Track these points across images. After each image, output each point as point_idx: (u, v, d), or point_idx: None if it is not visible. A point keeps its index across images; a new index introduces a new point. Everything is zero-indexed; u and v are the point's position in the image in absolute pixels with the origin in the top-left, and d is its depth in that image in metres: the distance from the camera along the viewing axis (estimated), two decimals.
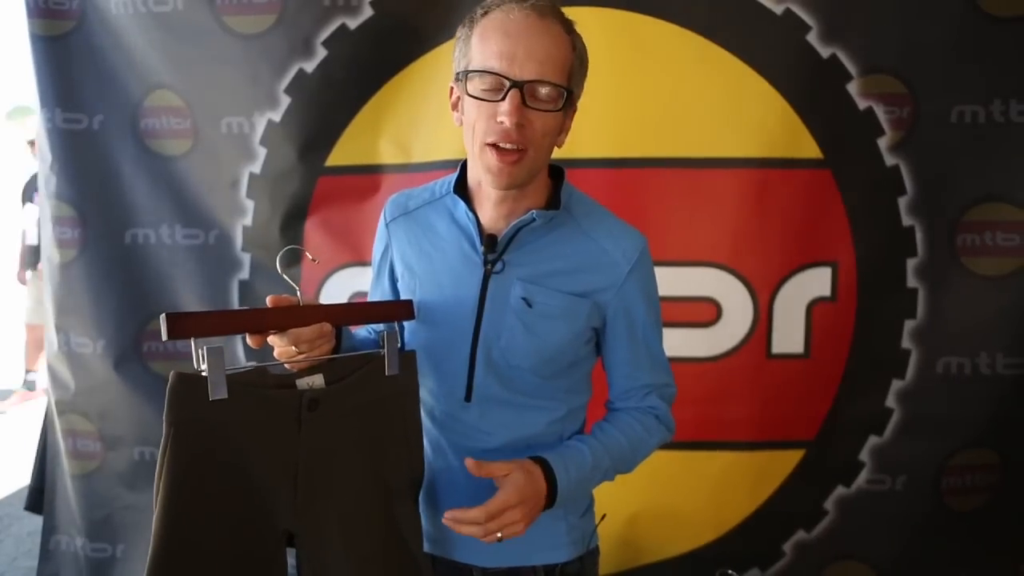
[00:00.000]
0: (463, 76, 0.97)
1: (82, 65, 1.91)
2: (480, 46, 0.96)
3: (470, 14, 0.99)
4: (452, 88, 1.03)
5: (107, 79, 1.92)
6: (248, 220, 1.94)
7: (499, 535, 0.96)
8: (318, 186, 1.91)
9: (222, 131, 1.89)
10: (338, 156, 1.89)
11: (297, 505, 0.93)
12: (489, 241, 1.04)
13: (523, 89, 0.93)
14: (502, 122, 0.93)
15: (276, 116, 1.86)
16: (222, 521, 0.89)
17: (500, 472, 0.98)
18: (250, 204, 1.93)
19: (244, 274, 1.97)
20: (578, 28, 1.00)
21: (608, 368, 1.13)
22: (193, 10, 1.83)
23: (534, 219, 1.02)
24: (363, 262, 1.91)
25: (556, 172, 1.09)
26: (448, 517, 0.95)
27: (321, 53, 1.83)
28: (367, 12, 1.81)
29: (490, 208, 1.04)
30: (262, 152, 1.89)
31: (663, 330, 1.13)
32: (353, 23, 1.81)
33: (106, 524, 2.01)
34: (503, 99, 0.93)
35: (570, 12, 0.98)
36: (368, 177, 1.90)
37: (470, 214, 1.05)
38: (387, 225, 1.15)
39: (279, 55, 1.83)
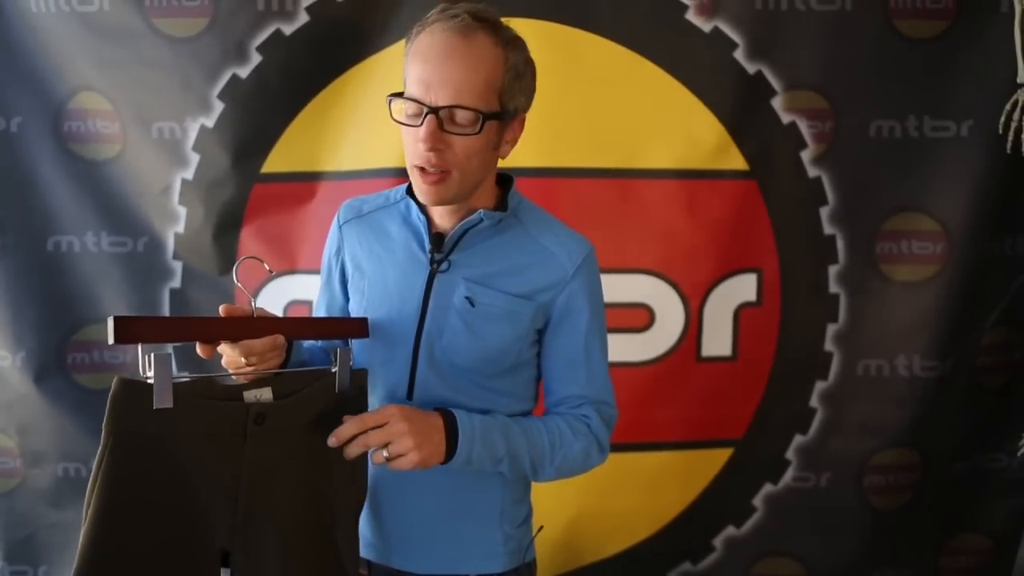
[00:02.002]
0: (390, 100, 0.99)
1: None
2: (408, 69, 0.98)
3: (411, 31, 1.00)
4: None
5: (26, 79, 1.83)
6: (180, 227, 1.89)
7: (386, 453, 0.94)
8: (253, 193, 1.87)
9: (153, 136, 1.83)
10: (274, 163, 1.86)
11: (235, 522, 0.91)
12: (437, 240, 1.06)
13: (439, 114, 0.94)
14: (420, 147, 0.95)
15: (209, 122, 1.82)
16: (157, 535, 0.86)
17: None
18: (182, 211, 1.88)
19: (176, 282, 1.92)
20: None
21: (544, 374, 1.14)
22: (120, 11, 1.76)
23: (482, 219, 1.04)
24: (299, 270, 1.89)
25: (505, 179, 1.11)
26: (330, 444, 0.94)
27: (255, 59, 1.79)
28: (303, 18, 1.78)
29: (440, 212, 1.06)
30: (195, 158, 1.84)
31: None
32: (288, 29, 1.78)
33: (27, 545, 1.92)
34: (421, 124, 0.95)
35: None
36: (304, 184, 1.88)
37: (421, 216, 1.07)
38: (340, 227, 1.16)
39: (212, 60, 1.78)
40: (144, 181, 1.88)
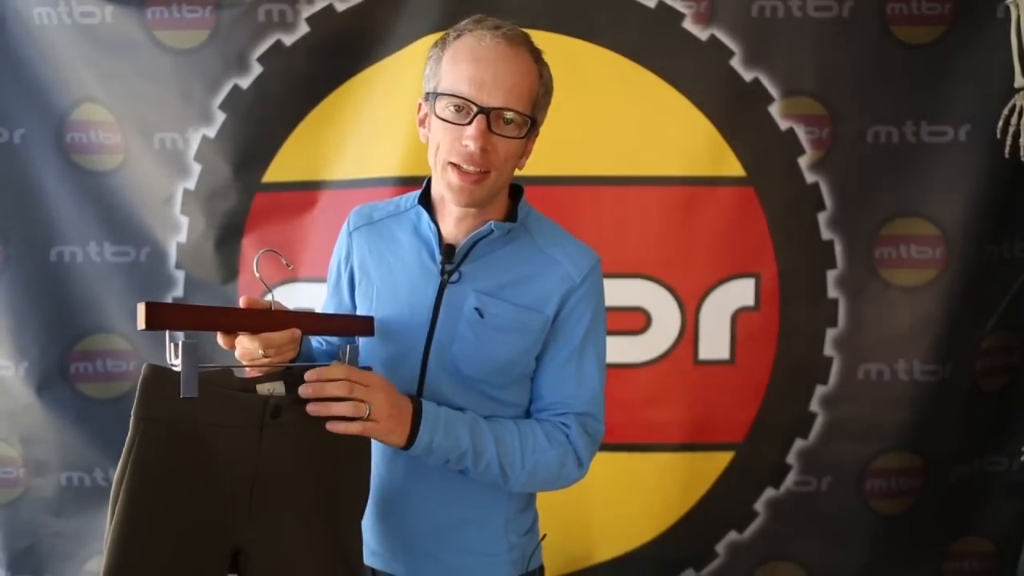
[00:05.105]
0: (432, 96, 1.00)
1: (1, 76, 1.84)
2: (451, 69, 0.99)
3: (443, 35, 1.02)
4: (420, 105, 1.06)
5: (29, 91, 1.85)
6: (182, 237, 1.90)
7: (367, 411, 0.94)
8: (255, 202, 1.89)
9: (155, 146, 1.85)
10: (275, 172, 1.88)
11: (251, 515, 0.91)
12: (447, 251, 1.06)
13: (489, 115, 0.96)
14: (467, 145, 0.96)
15: (211, 132, 1.84)
16: (179, 526, 0.86)
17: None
18: (184, 220, 1.89)
19: (178, 291, 1.93)
20: None
21: (534, 379, 1.12)
22: (122, 23, 1.78)
23: (492, 230, 1.05)
24: (301, 279, 1.89)
25: (515, 190, 1.13)
26: (308, 377, 0.94)
27: (256, 69, 1.81)
28: (303, 28, 1.80)
29: (452, 223, 1.07)
30: (197, 168, 1.86)
31: (605, 366, 1.12)
32: (289, 39, 1.80)
33: (30, 554, 1.91)
34: (469, 123, 0.96)
35: None
36: (305, 193, 1.89)
37: (432, 225, 1.08)
38: (350, 234, 1.17)
39: (213, 71, 1.80)
40: (146, 191, 1.89)
